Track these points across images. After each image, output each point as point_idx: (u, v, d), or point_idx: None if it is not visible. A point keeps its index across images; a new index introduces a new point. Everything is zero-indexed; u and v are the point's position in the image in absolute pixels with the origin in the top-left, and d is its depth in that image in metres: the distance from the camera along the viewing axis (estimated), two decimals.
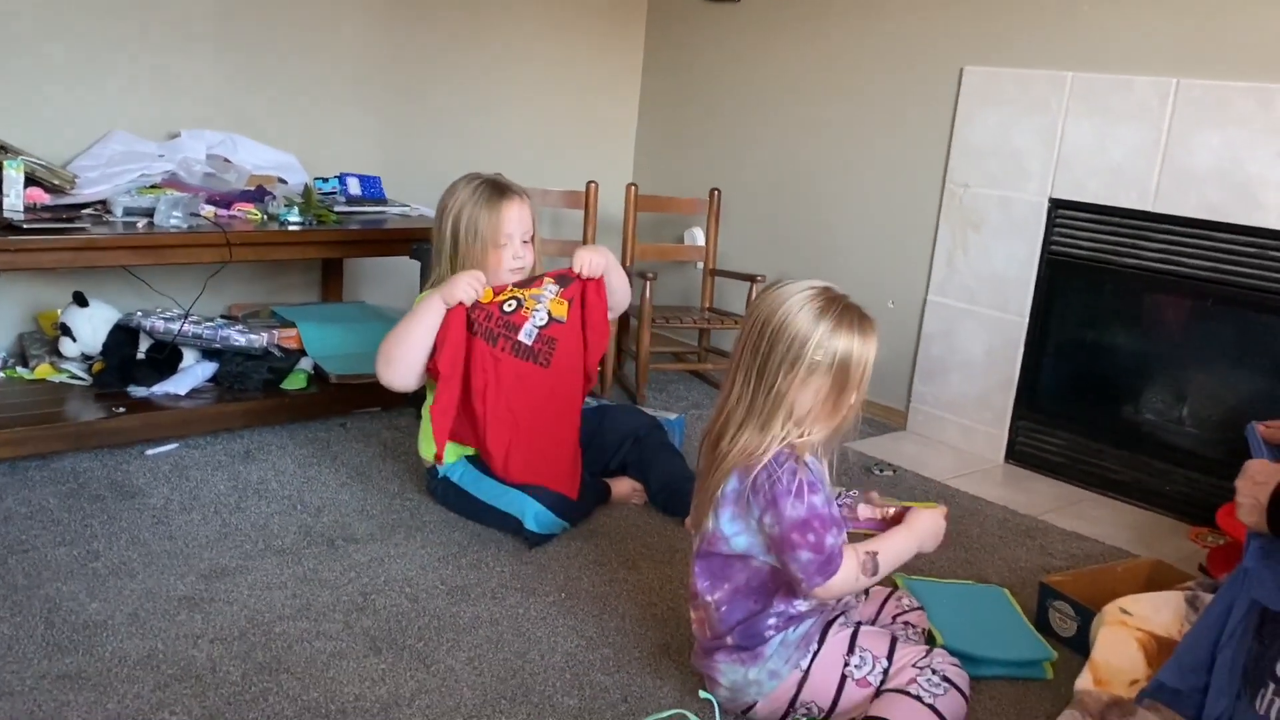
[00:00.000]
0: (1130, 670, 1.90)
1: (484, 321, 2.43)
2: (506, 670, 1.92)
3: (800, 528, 1.67)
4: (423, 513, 2.57)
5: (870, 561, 1.72)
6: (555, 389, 2.52)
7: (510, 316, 2.46)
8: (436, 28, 3.84)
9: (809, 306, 1.67)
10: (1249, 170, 2.74)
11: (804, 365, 1.66)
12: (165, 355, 2.96)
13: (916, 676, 1.75)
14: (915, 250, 3.52)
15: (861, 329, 1.69)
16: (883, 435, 3.51)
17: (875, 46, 3.61)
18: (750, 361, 1.71)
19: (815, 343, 1.65)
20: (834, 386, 1.69)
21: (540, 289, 2.51)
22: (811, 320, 1.66)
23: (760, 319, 1.71)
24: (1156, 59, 2.92)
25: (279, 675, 1.85)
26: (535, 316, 2.48)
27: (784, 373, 1.67)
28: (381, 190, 3.41)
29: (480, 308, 2.43)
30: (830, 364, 1.66)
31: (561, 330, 2.51)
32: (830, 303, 1.68)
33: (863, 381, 1.71)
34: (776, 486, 1.67)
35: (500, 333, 2.44)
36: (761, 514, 1.70)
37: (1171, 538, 2.79)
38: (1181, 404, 3.02)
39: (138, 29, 3.18)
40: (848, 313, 1.69)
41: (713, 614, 1.78)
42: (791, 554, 1.68)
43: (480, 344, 2.42)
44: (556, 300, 2.51)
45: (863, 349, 1.69)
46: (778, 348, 1.67)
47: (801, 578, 1.68)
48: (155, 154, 3.10)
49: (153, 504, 2.50)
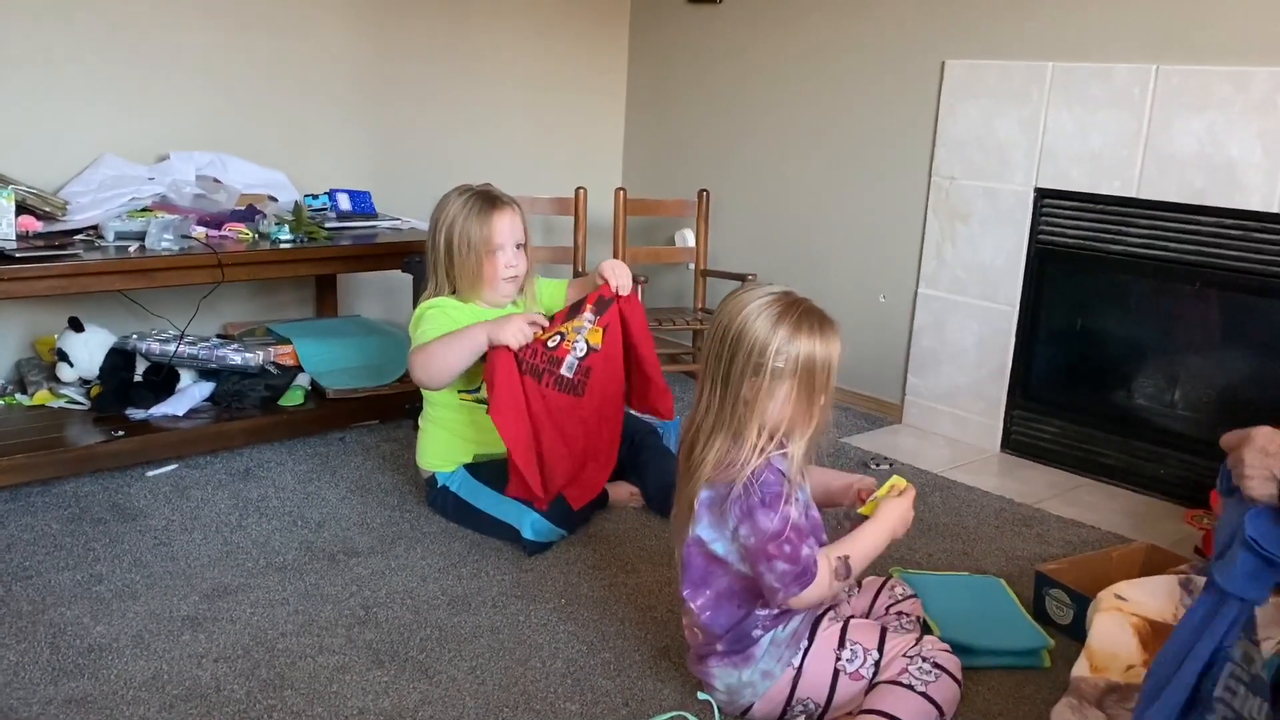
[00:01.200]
0: (1126, 656, 1.92)
1: (529, 359, 2.44)
2: (508, 678, 1.94)
3: (775, 539, 1.67)
4: (422, 524, 2.59)
5: (843, 566, 1.73)
6: (588, 418, 2.55)
7: (554, 351, 2.47)
8: (420, 41, 3.86)
9: (766, 312, 1.68)
10: (1230, 153, 2.76)
11: (767, 372, 1.67)
12: (162, 377, 2.98)
13: (908, 666, 1.77)
14: (904, 244, 3.54)
15: (822, 331, 1.69)
16: (878, 429, 3.53)
17: (857, 43, 3.63)
18: (715, 370, 1.72)
19: (775, 349, 1.66)
20: (801, 391, 1.69)
21: (580, 320, 2.52)
22: (769, 326, 1.67)
23: (721, 327, 1.71)
24: (1135, 46, 2.94)
25: (283, 692, 1.87)
26: (576, 349, 2.50)
27: (748, 380, 1.68)
28: (372, 205, 3.43)
29: (526, 348, 2.44)
30: (793, 369, 1.67)
31: (596, 359, 2.53)
32: (789, 307, 1.69)
33: (829, 383, 1.71)
34: (751, 499, 1.68)
35: (545, 368, 2.46)
36: (737, 525, 1.71)
37: (1167, 521, 2.81)
38: (1173, 387, 3.04)
39: (124, 53, 3.20)
40: (806, 316, 1.69)
41: (698, 620, 1.80)
42: (767, 565, 1.69)
43: (530, 381, 2.44)
44: (593, 330, 2.53)
45: (825, 351, 1.69)
46: (739, 356, 1.68)
47: (778, 587, 1.69)
48: (145, 177, 3.12)
49: (154, 525, 2.52)
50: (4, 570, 2.26)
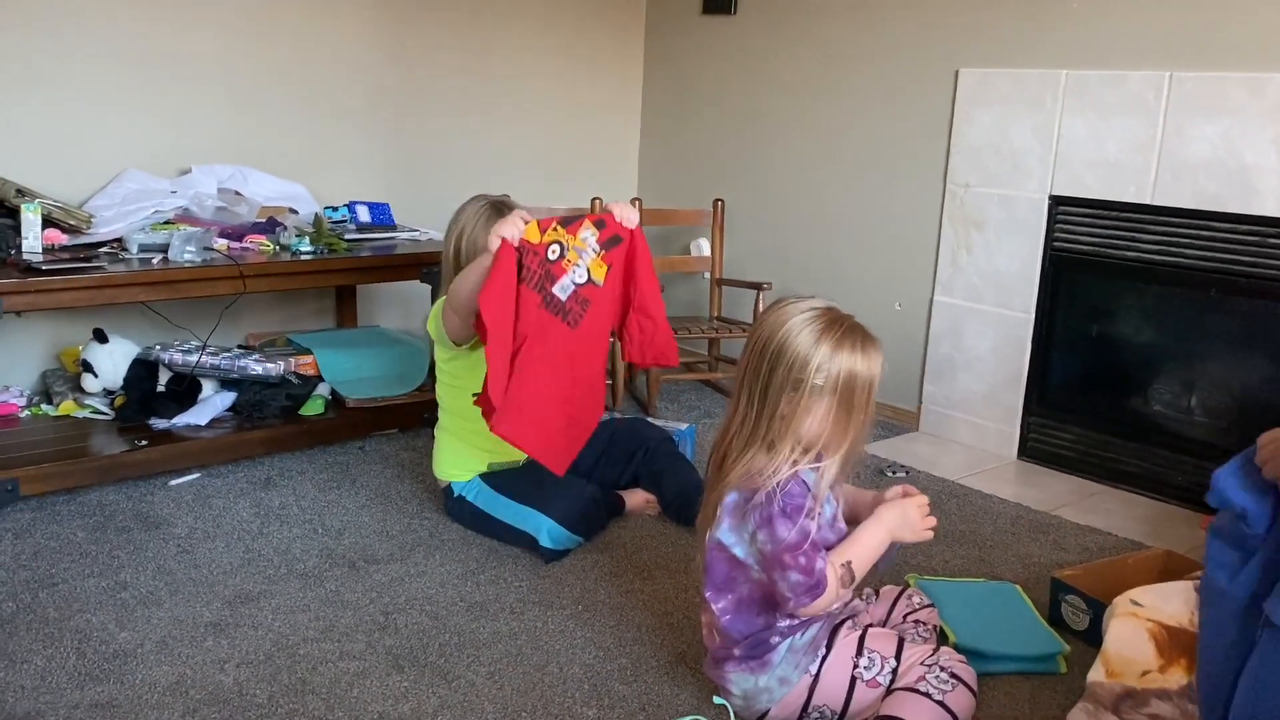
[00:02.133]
0: (1142, 661, 1.92)
1: (535, 268, 2.25)
2: (526, 683, 1.96)
3: (792, 550, 1.69)
4: (441, 531, 2.62)
5: (847, 573, 1.74)
6: (576, 354, 2.36)
7: (551, 265, 2.29)
8: (438, 55, 3.90)
9: (810, 328, 1.67)
10: (1245, 159, 2.76)
11: (806, 388, 1.67)
12: (185, 387, 3.03)
13: (925, 674, 1.77)
14: (920, 251, 3.55)
15: (864, 349, 1.69)
16: (895, 437, 3.54)
17: (871, 52, 3.65)
18: (753, 383, 1.72)
19: (816, 365, 1.66)
20: (840, 408, 1.69)
21: (580, 239, 2.33)
22: (812, 342, 1.66)
23: (761, 340, 1.71)
24: (1149, 53, 2.94)
25: (305, 696, 1.90)
26: (574, 271, 2.32)
27: (786, 396, 1.68)
28: (391, 217, 3.47)
29: (530, 250, 2.24)
30: (833, 386, 1.67)
31: (596, 294, 2.36)
32: (832, 324, 1.69)
33: (869, 402, 1.71)
34: (773, 507, 1.69)
35: (540, 280, 2.28)
36: (756, 529, 1.72)
37: (1184, 527, 2.81)
38: (1189, 394, 3.03)
39: (146, 70, 3.26)
40: (850, 334, 1.69)
41: (718, 622, 1.82)
42: (781, 573, 1.70)
43: (529, 293, 2.25)
44: (597, 261, 2.37)
45: (866, 369, 1.69)
46: (778, 370, 1.68)
47: (789, 596, 1.70)
48: (168, 191, 3.17)
49: (177, 533, 2.56)
50: (31, 577, 2.30)
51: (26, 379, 3.22)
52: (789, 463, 1.70)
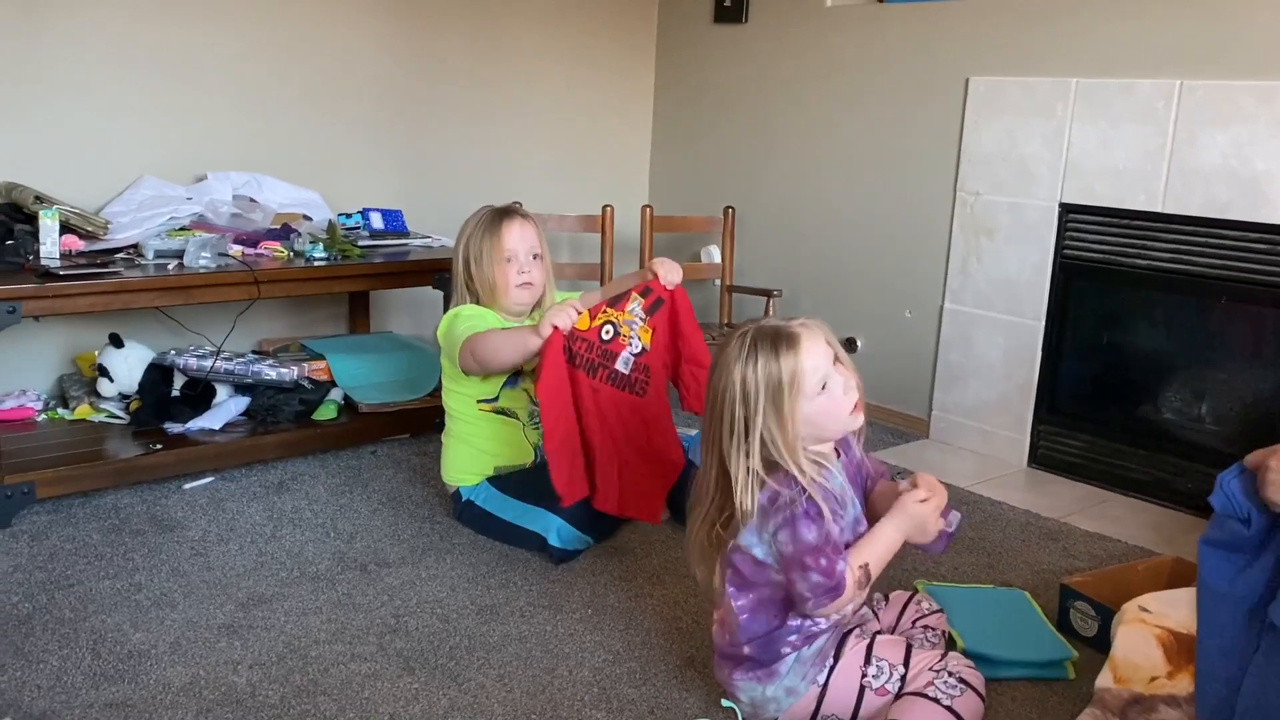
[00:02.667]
0: (1150, 667, 1.92)
1: (585, 353, 2.45)
2: (536, 686, 1.98)
3: (814, 552, 1.71)
4: (452, 535, 2.64)
5: (864, 575, 1.76)
6: (649, 420, 2.57)
7: (608, 345, 2.50)
8: (451, 63, 3.93)
9: (726, 357, 1.74)
10: (1256, 167, 2.76)
11: (737, 415, 1.72)
12: (199, 392, 3.05)
13: (934, 679, 1.78)
14: (929, 259, 3.56)
15: (775, 349, 1.71)
16: (905, 444, 3.54)
17: (881, 60, 3.66)
18: (716, 440, 1.77)
19: (742, 387, 1.71)
20: (774, 413, 1.71)
21: (628, 312, 2.54)
22: (730, 367, 1.72)
23: (709, 395, 1.79)
24: (1159, 61, 2.95)
25: (316, 698, 1.91)
26: (632, 345, 2.54)
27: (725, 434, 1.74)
28: (403, 223, 3.49)
29: (579, 337, 2.44)
30: (766, 394, 1.70)
31: (650, 359, 2.57)
32: (740, 341, 1.73)
33: (795, 394, 1.71)
34: (796, 508, 1.71)
35: (599, 363, 2.49)
36: (777, 530, 1.73)
37: (1194, 534, 2.76)
38: (1200, 401, 3.03)
39: (163, 79, 3.30)
40: (752, 344, 1.72)
41: (733, 618, 1.82)
42: (802, 574, 1.71)
43: (582, 376, 2.44)
44: (644, 328, 2.57)
45: (776, 367, 1.70)
46: (719, 419, 1.75)
47: (808, 597, 1.71)
48: (183, 197, 3.20)
49: (191, 536, 2.58)
50: (47, 579, 2.33)
51: (43, 383, 3.25)
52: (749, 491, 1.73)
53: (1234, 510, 1.59)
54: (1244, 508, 1.58)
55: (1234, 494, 1.59)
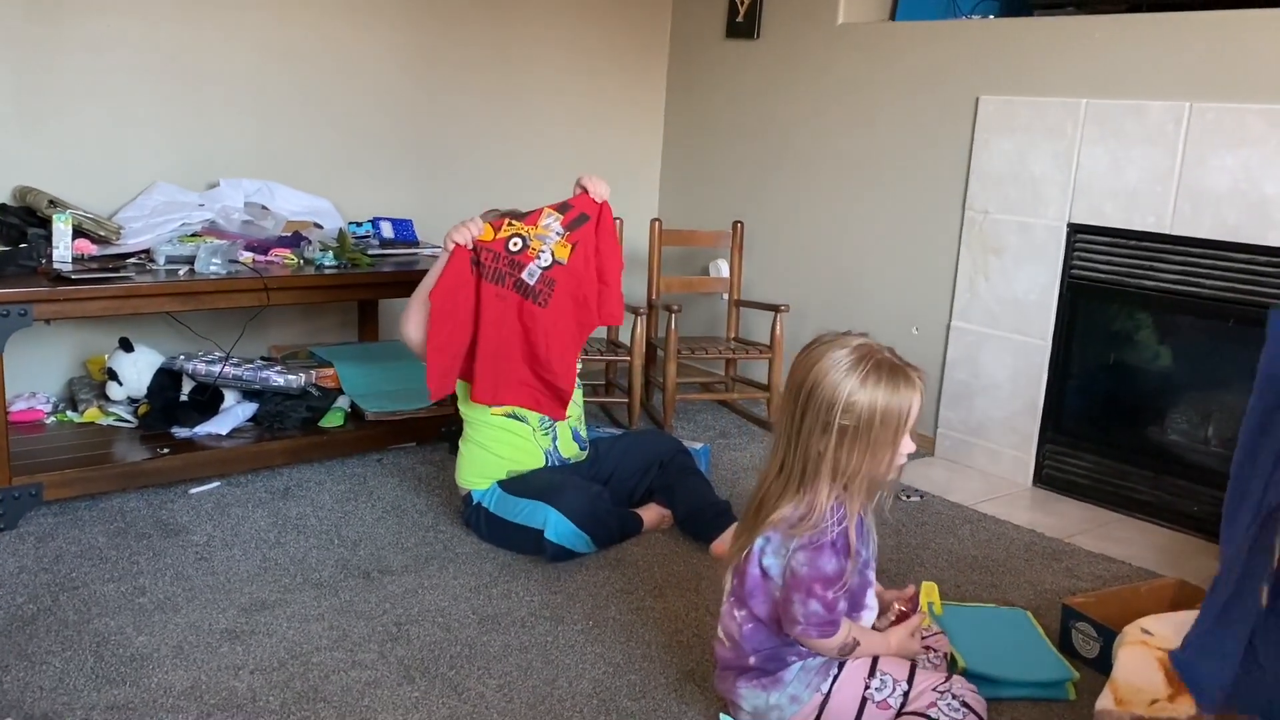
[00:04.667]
0: (1150, 690, 1.92)
1: (491, 263, 2.55)
2: (535, 697, 1.98)
3: (825, 583, 1.72)
4: (455, 545, 2.64)
5: (851, 645, 1.80)
6: (551, 329, 2.63)
7: (516, 256, 2.59)
8: (463, 75, 3.96)
9: (838, 367, 1.69)
10: (1264, 190, 2.76)
11: (834, 429, 1.68)
12: (207, 397, 3.07)
13: (936, 700, 1.78)
14: (937, 277, 3.56)
15: (892, 382, 1.69)
16: (911, 461, 3.53)
17: (892, 78, 3.67)
18: (789, 426, 1.75)
19: (843, 405, 1.67)
20: (871, 442, 1.69)
21: (542, 227, 2.63)
22: (839, 381, 1.68)
23: (795, 382, 1.74)
24: (1169, 84, 2.95)
25: (316, 704, 1.92)
26: (540, 258, 2.62)
27: (817, 435, 1.70)
28: (413, 233, 3.51)
29: (486, 248, 2.54)
30: (858, 423, 1.67)
31: (561, 272, 2.63)
32: (861, 360, 1.69)
33: (899, 433, 1.71)
34: (825, 536, 1.71)
35: (506, 272, 2.57)
36: (797, 549, 1.73)
37: (1199, 557, 2.79)
38: (1206, 424, 3.03)
39: (177, 86, 3.32)
40: (877, 368, 1.69)
41: (735, 630, 1.83)
42: (804, 600, 1.73)
43: (488, 285, 2.54)
44: (561, 244, 2.64)
45: (896, 402, 1.69)
46: (810, 411, 1.71)
47: (800, 623, 1.73)
48: (196, 204, 3.22)
49: (196, 541, 2.59)
50: (51, 581, 2.34)
51: (53, 386, 3.27)
52: (830, 496, 1.72)
53: None
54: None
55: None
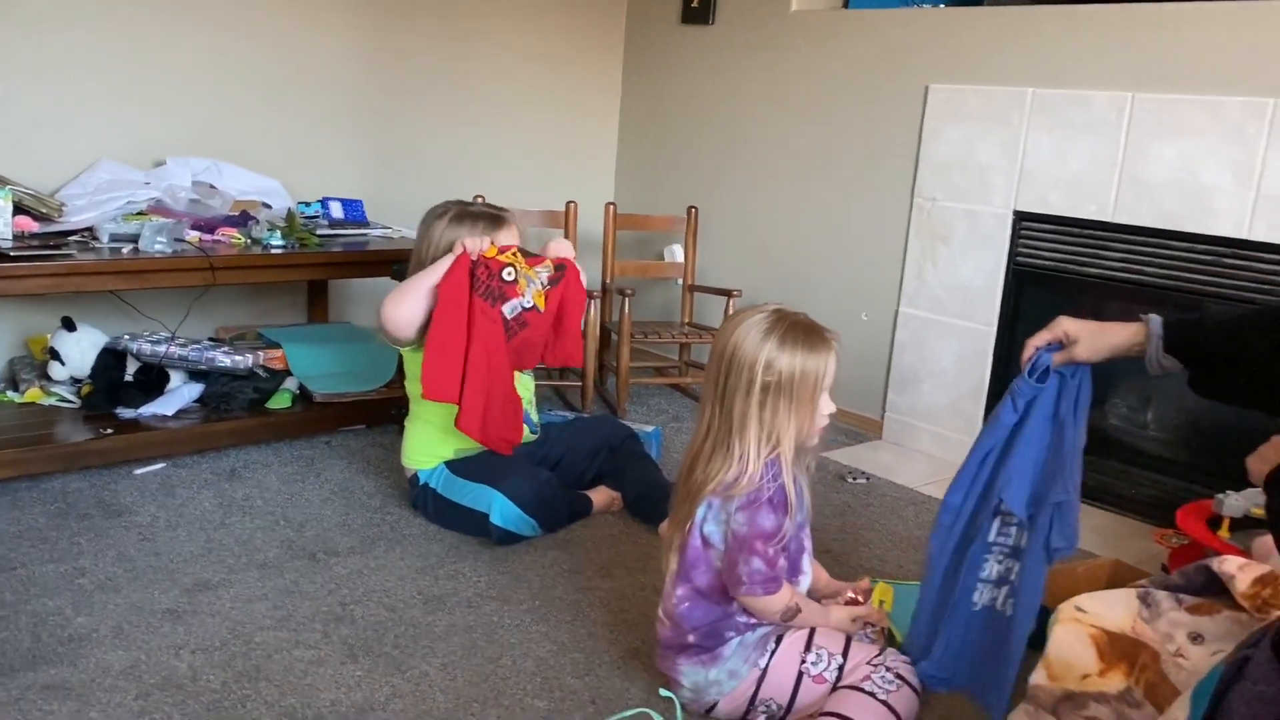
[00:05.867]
0: (1082, 665, 1.96)
1: (485, 279, 2.54)
2: (479, 675, 1.99)
3: (766, 538, 1.75)
4: (403, 526, 2.64)
5: (794, 610, 1.83)
6: (504, 366, 2.62)
7: (505, 285, 2.58)
8: (417, 54, 3.93)
9: (755, 330, 1.75)
10: (1202, 180, 2.82)
11: (757, 388, 1.74)
12: (152, 377, 3.03)
13: (871, 674, 1.81)
14: (886, 263, 3.60)
15: (809, 344, 1.75)
16: (858, 444, 3.58)
17: (843, 66, 3.70)
18: (712, 392, 1.80)
19: (763, 364, 1.73)
20: (793, 400, 1.75)
21: (535, 271, 2.65)
22: (758, 342, 1.74)
23: (717, 350, 1.80)
24: (1113, 75, 3.00)
25: (258, 683, 1.91)
26: (524, 297, 2.61)
27: (740, 398, 1.75)
28: (363, 213, 3.49)
29: (484, 263, 2.53)
30: (779, 381, 1.74)
31: (534, 318, 2.64)
32: (776, 323, 1.76)
33: (817, 392, 1.77)
34: (763, 494, 1.75)
35: (496, 293, 2.56)
36: (737, 510, 1.77)
37: (1137, 539, 2.86)
38: (1145, 409, 3.09)
39: (123, 61, 3.27)
40: (793, 330, 1.75)
41: (676, 609, 1.85)
42: (747, 558, 1.75)
43: (479, 300, 2.53)
44: (540, 293, 2.65)
45: (813, 363, 1.75)
46: (732, 375, 1.76)
47: (745, 582, 1.75)
48: (141, 181, 3.18)
49: (139, 521, 2.57)
50: None
51: None
52: (758, 457, 1.76)
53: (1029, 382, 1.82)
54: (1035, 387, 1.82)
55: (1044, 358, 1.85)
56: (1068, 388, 1.88)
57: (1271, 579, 1.96)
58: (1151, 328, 1.80)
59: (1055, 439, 1.88)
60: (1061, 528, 1.90)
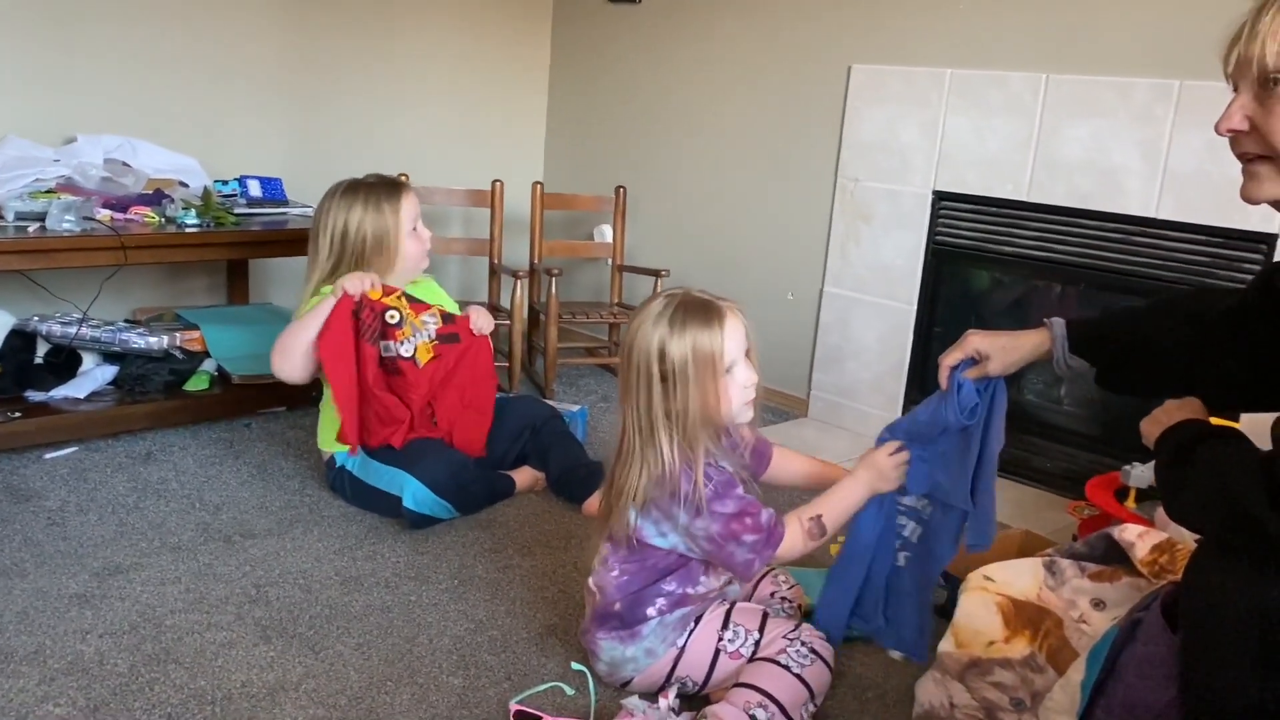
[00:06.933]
0: (989, 633, 2.01)
1: (369, 321, 2.50)
2: (394, 654, 1.98)
3: (737, 518, 1.76)
4: (321, 508, 2.61)
5: (815, 525, 1.83)
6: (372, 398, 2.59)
7: (389, 328, 2.53)
8: (339, 29, 3.87)
9: (649, 321, 1.74)
10: (1113, 160, 2.89)
11: (657, 380, 1.73)
12: (63, 359, 2.96)
13: (786, 647, 1.83)
14: (811, 243, 3.63)
15: (703, 320, 1.74)
16: (785, 422, 3.62)
17: (769, 45, 3.72)
18: (623, 391, 1.80)
19: (657, 354, 1.72)
20: (693, 380, 1.73)
21: (421, 320, 2.58)
22: (650, 333, 1.73)
23: (623, 348, 1.80)
24: (1028, 55, 3.05)
25: (167, 665, 1.89)
26: (404, 347, 2.56)
27: (644, 395, 1.74)
28: (283, 192, 3.43)
29: (367, 305, 2.49)
30: (674, 366, 1.72)
31: (410, 369, 2.56)
32: (667, 307, 1.75)
33: (718, 365, 1.75)
34: (704, 492, 1.74)
35: (378, 335, 2.52)
36: (691, 520, 1.76)
37: (1048, 510, 2.93)
38: (1059, 384, 3.16)
39: (31, 34, 3.17)
40: (683, 310, 1.74)
41: (607, 579, 1.85)
42: (736, 542, 1.76)
43: (366, 345, 2.50)
44: (426, 346, 2.59)
45: (706, 340, 1.73)
46: (633, 372, 1.75)
47: (751, 557, 1.76)
48: (50, 159, 3.09)
49: (49, 506, 2.51)
50: None
51: None
52: (673, 447, 1.74)
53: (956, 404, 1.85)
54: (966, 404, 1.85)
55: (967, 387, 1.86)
56: (984, 400, 1.88)
57: (1169, 546, 2.03)
58: (1055, 331, 1.80)
59: (968, 444, 1.91)
60: (976, 526, 1.91)
